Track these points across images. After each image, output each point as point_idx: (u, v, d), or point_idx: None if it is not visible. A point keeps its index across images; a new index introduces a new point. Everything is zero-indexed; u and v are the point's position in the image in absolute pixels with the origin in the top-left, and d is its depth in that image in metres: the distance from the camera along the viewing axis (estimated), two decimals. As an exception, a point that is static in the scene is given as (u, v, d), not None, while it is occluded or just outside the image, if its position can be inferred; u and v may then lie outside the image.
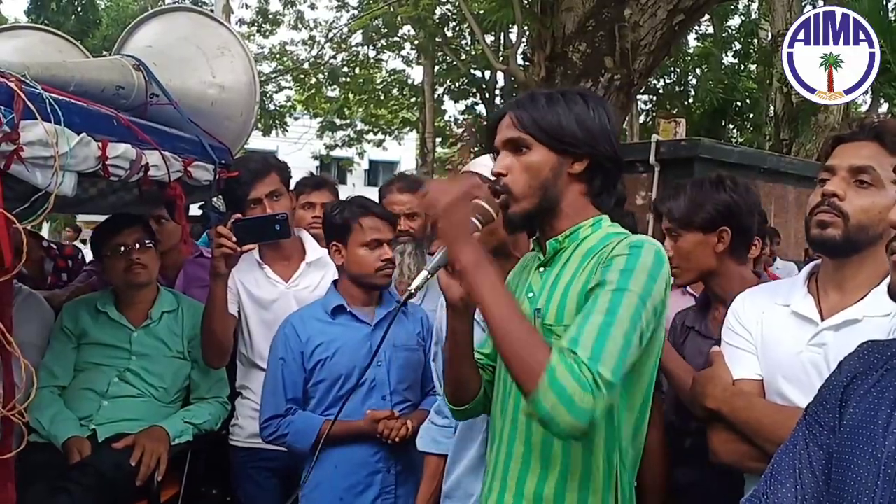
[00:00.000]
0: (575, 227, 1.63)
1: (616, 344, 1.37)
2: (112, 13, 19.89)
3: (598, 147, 1.61)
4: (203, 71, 2.93)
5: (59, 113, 1.87)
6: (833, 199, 1.69)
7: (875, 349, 1.16)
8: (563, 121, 1.60)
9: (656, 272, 1.47)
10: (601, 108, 1.65)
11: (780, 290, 1.88)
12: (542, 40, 5.87)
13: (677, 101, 15.78)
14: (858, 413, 1.09)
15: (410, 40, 17.19)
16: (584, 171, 1.62)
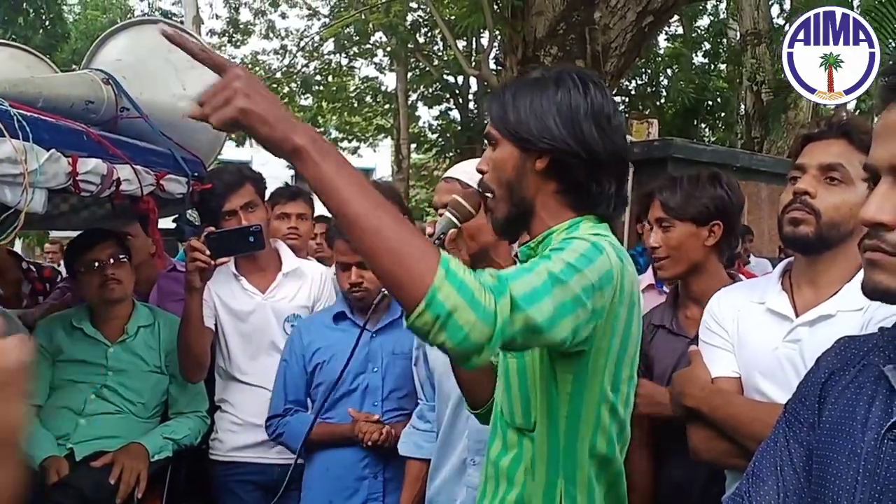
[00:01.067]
0: (548, 231, 1.50)
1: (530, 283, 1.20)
2: (81, 27, 19.69)
3: (557, 140, 1.44)
4: (173, 83, 2.91)
5: (27, 130, 1.85)
6: (804, 197, 1.71)
7: (851, 345, 1.17)
8: (520, 112, 1.47)
9: (591, 253, 1.32)
10: (576, 94, 1.46)
11: (755, 288, 1.90)
12: (514, 44, 5.89)
13: (649, 101, 15.90)
14: (837, 409, 1.10)
15: (383, 47, 17.18)
16: (548, 167, 1.47)
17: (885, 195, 0.99)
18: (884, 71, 1.07)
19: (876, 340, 1.13)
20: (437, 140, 18.62)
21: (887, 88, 1.02)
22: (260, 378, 2.80)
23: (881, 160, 1.01)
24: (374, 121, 20.87)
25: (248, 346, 2.84)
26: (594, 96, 1.46)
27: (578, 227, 1.48)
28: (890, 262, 0.98)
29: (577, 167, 1.46)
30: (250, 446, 2.81)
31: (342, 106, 18.90)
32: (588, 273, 1.29)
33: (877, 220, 0.98)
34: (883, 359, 1.08)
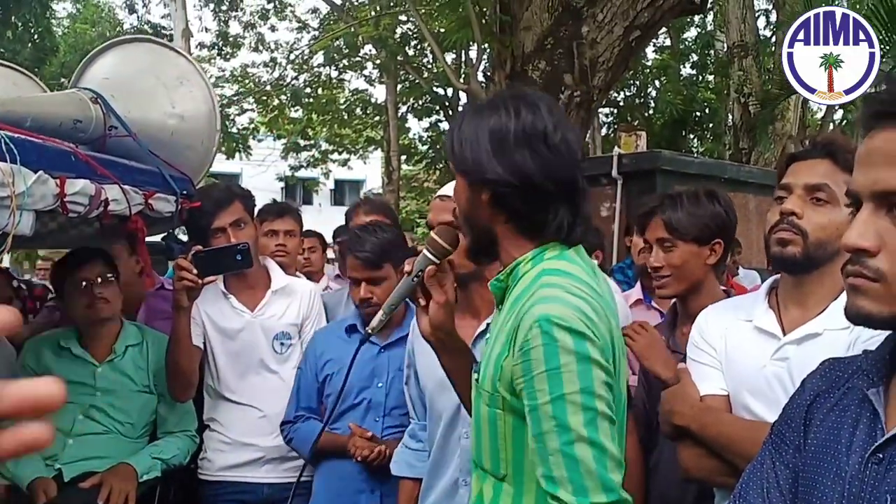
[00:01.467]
0: (515, 263, 1.44)
1: (588, 459, 1.26)
2: (69, 40, 19.66)
3: (489, 172, 1.38)
4: (162, 101, 2.92)
5: (14, 152, 1.85)
6: (791, 218, 1.73)
7: (836, 367, 1.18)
8: (461, 144, 1.43)
9: (581, 346, 1.28)
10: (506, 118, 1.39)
11: (743, 306, 1.91)
12: (502, 59, 5.92)
13: (638, 112, 15.99)
14: (822, 432, 1.11)
15: (372, 59, 17.22)
16: (492, 198, 1.41)
17: (867, 222, 1.00)
18: (865, 98, 1.09)
19: (860, 363, 1.13)
20: (428, 152, 18.67)
21: (869, 116, 1.03)
22: (249, 397, 2.79)
23: (863, 186, 1.01)
24: (365, 133, 20.89)
25: (236, 365, 2.83)
26: (525, 118, 1.39)
27: (543, 258, 1.42)
28: (872, 287, 0.99)
29: (513, 197, 1.40)
30: (239, 465, 2.79)
31: (332, 118, 18.91)
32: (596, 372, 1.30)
33: (858, 247, 0.99)
34: (866, 382, 1.09)
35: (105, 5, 21.69)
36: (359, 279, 2.54)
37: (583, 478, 1.25)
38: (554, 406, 1.28)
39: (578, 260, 1.44)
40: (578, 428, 1.26)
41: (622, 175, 7.30)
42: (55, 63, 17.02)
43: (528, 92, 1.48)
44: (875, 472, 1.00)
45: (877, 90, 1.22)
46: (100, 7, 21.71)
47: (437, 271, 1.57)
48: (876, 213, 1.00)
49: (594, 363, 1.29)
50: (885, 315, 0.99)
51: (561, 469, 1.27)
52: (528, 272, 1.41)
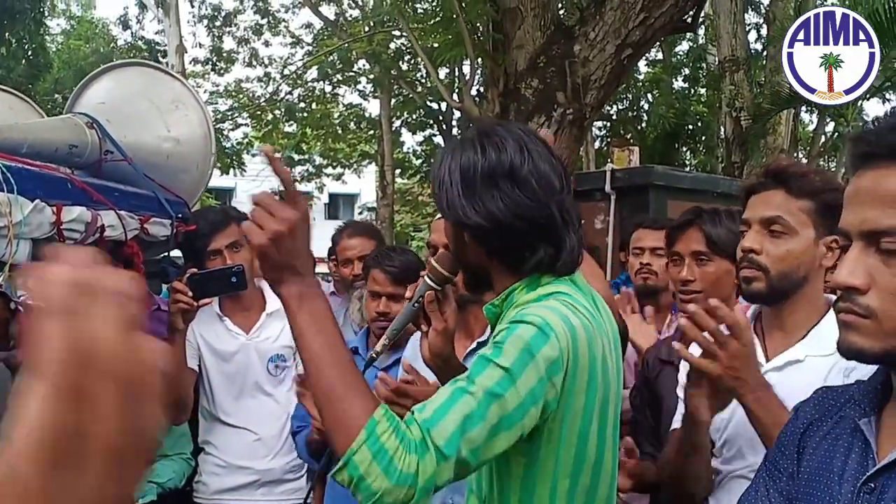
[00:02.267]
0: (509, 290, 1.45)
1: (459, 413, 1.22)
2: (63, 56, 19.68)
3: (461, 215, 1.39)
4: (157, 125, 2.95)
5: (11, 181, 1.87)
6: (751, 255, 1.75)
7: (829, 396, 1.20)
8: (438, 184, 1.44)
9: (536, 343, 1.27)
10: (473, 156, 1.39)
11: None
12: (495, 77, 5.95)
13: (630, 125, 16.05)
14: (815, 460, 1.13)
15: (366, 74, 17.27)
16: (472, 238, 1.43)
17: (857, 260, 1.03)
18: (853, 138, 1.11)
19: (852, 392, 1.16)
20: (422, 166, 18.69)
21: (857, 156, 1.06)
22: (244, 419, 2.80)
23: (852, 225, 1.04)
24: (359, 147, 20.92)
25: (231, 387, 2.84)
26: (490, 156, 1.38)
27: (539, 283, 1.43)
28: (863, 323, 1.02)
29: (488, 237, 1.41)
30: (235, 489, 2.79)
31: (326, 133, 18.95)
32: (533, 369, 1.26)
33: (849, 285, 1.02)
34: (858, 412, 1.11)
35: (99, 21, 21.73)
36: (381, 293, 2.53)
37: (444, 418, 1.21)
38: (478, 362, 1.29)
39: (571, 284, 1.45)
40: (479, 390, 1.24)
41: (615, 190, 7.34)
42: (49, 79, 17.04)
43: (499, 128, 1.46)
44: (867, 501, 1.03)
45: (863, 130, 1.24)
46: (94, 23, 21.73)
47: (436, 298, 1.59)
48: (865, 252, 1.03)
49: (534, 361, 1.27)
50: (875, 350, 1.02)
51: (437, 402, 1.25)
52: (525, 297, 1.42)
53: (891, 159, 1.01)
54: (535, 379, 1.26)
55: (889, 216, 1.00)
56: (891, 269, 1.00)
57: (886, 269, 1.00)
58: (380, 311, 2.52)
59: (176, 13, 13.84)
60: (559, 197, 1.41)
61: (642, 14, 5.38)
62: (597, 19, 5.51)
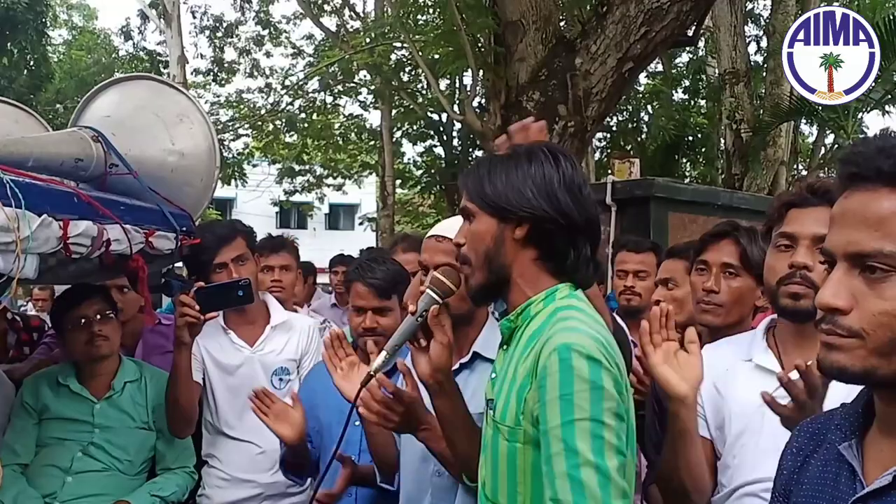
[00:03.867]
0: (526, 304, 1.53)
1: (593, 484, 1.30)
2: (65, 66, 19.75)
3: (535, 209, 1.50)
4: (162, 139, 2.94)
5: (19, 196, 1.87)
6: (804, 272, 1.74)
7: (812, 426, 1.21)
8: (497, 185, 1.54)
9: (596, 375, 1.35)
10: (548, 166, 1.53)
11: (741, 346, 1.92)
12: (497, 90, 5.98)
13: (630, 137, 16.08)
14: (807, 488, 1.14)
15: (367, 85, 17.31)
16: (527, 235, 1.52)
17: (841, 281, 1.02)
18: (841, 158, 1.11)
19: (837, 418, 1.15)
20: (422, 176, 18.71)
21: (845, 177, 1.06)
22: (248, 433, 2.79)
23: (837, 246, 1.04)
24: (359, 158, 20.93)
25: (235, 401, 2.83)
26: (565, 168, 1.53)
27: (554, 297, 1.52)
28: (846, 342, 1.01)
29: (555, 234, 1.52)
30: (238, 502, 2.79)
31: (327, 143, 18.96)
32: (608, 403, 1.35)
33: (832, 306, 1.01)
34: (839, 437, 1.11)
35: (101, 32, 21.81)
36: (365, 308, 2.42)
37: (587, 502, 1.29)
38: (564, 430, 1.33)
39: (578, 298, 1.52)
40: (586, 453, 1.31)
41: (615, 202, 7.34)
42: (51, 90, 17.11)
43: (558, 147, 1.64)
44: None
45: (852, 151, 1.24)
46: (95, 34, 21.82)
47: (440, 312, 1.61)
48: (849, 274, 1.02)
49: (606, 393, 1.34)
50: (856, 370, 1.01)
51: (567, 492, 1.30)
52: (541, 311, 1.49)
53: (878, 182, 1.01)
54: (614, 404, 1.36)
55: (874, 239, 0.99)
56: (874, 292, 0.99)
57: (870, 292, 1.00)
58: (366, 326, 2.39)
59: (178, 24, 13.89)
60: None
61: (643, 28, 5.41)
62: (598, 32, 5.54)
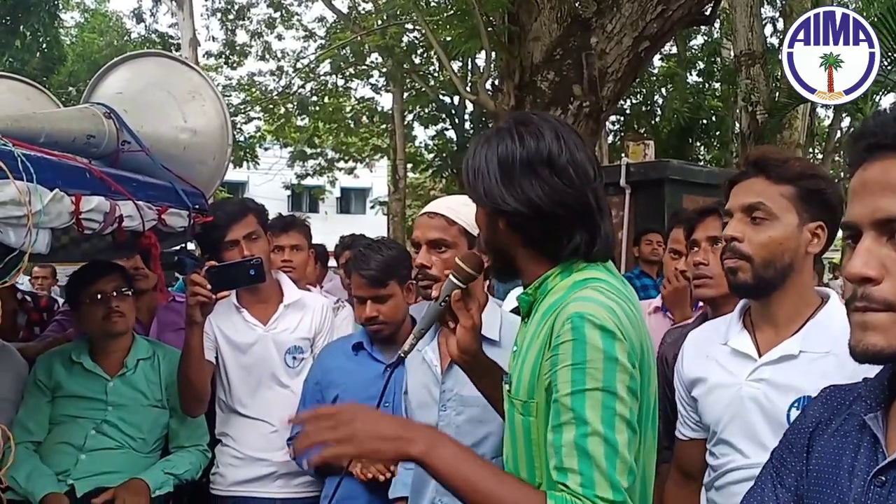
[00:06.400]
0: (543, 277, 1.47)
1: (599, 455, 1.26)
2: (77, 49, 19.77)
3: (499, 202, 1.41)
4: (174, 116, 2.92)
5: (30, 170, 1.85)
6: (734, 244, 1.74)
7: (837, 394, 1.20)
8: (471, 173, 1.46)
9: (609, 346, 1.30)
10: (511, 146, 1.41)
11: (719, 329, 1.92)
12: (511, 69, 5.92)
13: (644, 120, 15.98)
14: (824, 457, 1.13)
15: (378, 68, 17.26)
16: (508, 226, 1.44)
17: (870, 250, 1.00)
18: (855, 135, 1.09)
19: (860, 390, 1.15)
20: (434, 160, 18.68)
21: (862, 150, 1.05)
22: (261, 411, 2.79)
23: (861, 216, 1.02)
24: (371, 141, 20.94)
25: (249, 379, 2.82)
26: (528, 144, 1.41)
27: (572, 270, 1.45)
28: (881, 320, 0.98)
29: (526, 224, 1.42)
30: (252, 480, 2.78)
31: (338, 126, 18.98)
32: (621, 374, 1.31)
33: (863, 275, 0.99)
34: (864, 408, 1.10)
35: (113, 14, 21.80)
36: (364, 297, 2.52)
37: (592, 471, 1.26)
38: (574, 399, 1.29)
39: (606, 270, 1.47)
40: (595, 423, 1.28)
41: (630, 184, 7.31)
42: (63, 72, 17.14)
43: (534, 117, 1.48)
44: (878, 494, 1.02)
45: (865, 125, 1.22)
46: (107, 16, 21.82)
47: (462, 296, 1.60)
48: (877, 242, 1.00)
49: (619, 364, 1.30)
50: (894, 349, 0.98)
51: (572, 460, 1.27)
52: (559, 283, 1.44)
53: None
54: (627, 377, 1.31)
55: None
56: None
57: None
58: (368, 316, 2.50)
59: (189, 6, 13.86)
60: (594, 185, 1.44)
61: (660, 6, 5.35)
62: (614, 11, 5.47)
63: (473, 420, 2.01)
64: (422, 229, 2.03)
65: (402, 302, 2.57)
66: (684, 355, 1.97)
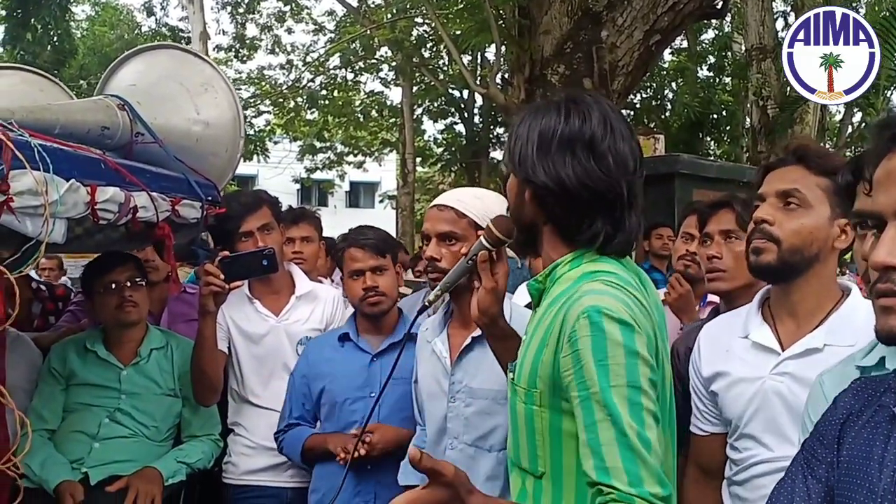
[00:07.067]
0: (553, 265, 1.46)
1: (641, 451, 1.25)
2: (88, 42, 19.82)
3: (530, 172, 1.41)
4: (187, 108, 2.93)
5: (47, 160, 1.87)
6: (763, 226, 1.73)
7: (868, 385, 1.20)
8: (513, 139, 1.47)
9: (629, 339, 1.29)
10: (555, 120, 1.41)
11: (738, 322, 1.90)
12: (521, 63, 5.92)
13: (655, 115, 15.91)
14: (854, 449, 1.12)
15: (388, 62, 17.25)
16: (534, 198, 1.45)
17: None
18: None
19: (890, 381, 1.15)
20: (443, 154, 18.67)
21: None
22: (273, 401, 2.80)
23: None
24: (380, 135, 20.93)
25: (261, 369, 2.85)
26: (573, 122, 1.40)
27: (582, 261, 1.43)
28: None
29: (550, 200, 1.42)
30: (263, 469, 2.81)
31: (348, 120, 18.97)
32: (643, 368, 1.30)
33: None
34: (894, 400, 1.11)
35: (123, 8, 21.88)
36: (363, 269, 2.52)
37: (639, 468, 1.24)
38: (605, 396, 1.27)
39: (619, 264, 1.44)
40: (630, 420, 1.26)
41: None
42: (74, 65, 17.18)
43: (588, 98, 1.48)
44: None
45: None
46: (118, 10, 21.88)
47: (489, 258, 1.61)
48: None
49: (640, 358, 1.29)
50: None
51: (616, 459, 1.25)
52: (567, 274, 1.43)
53: None
54: (649, 370, 1.30)
55: None
56: None
57: None
58: (367, 286, 2.51)
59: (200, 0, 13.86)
60: (631, 177, 1.42)
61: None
62: (625, 4, 5.46)
63: (482, 412, 2.02)
64: (431, 222, 2.05)
65: (396, 280, 2.61)
66: (701, 350, 1.95)
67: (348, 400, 2.56)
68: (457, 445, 2.04)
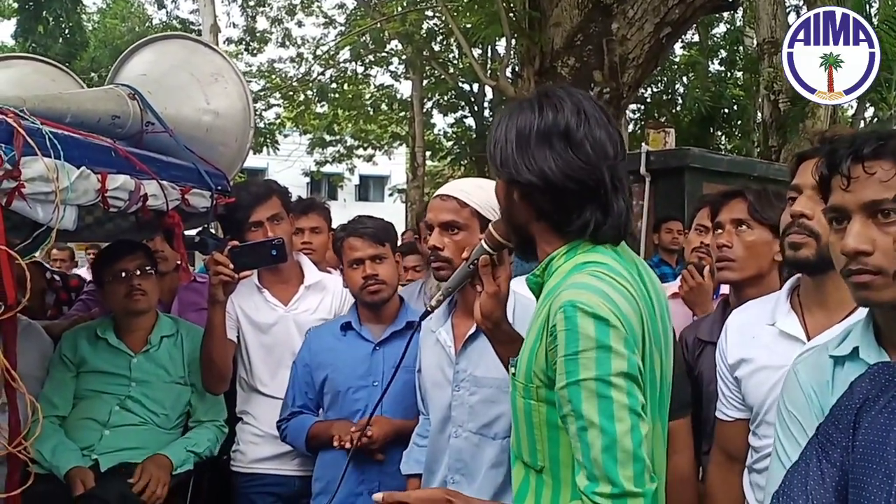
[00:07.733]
0: (549, 258, 1.46)
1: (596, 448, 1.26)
2: (99, 35, 19.89)
3: (513, 171, 1.41)
4: (197, 98, 2.95)
5: (58, 147, 1.88)
6: (802, 220, 1.72)
7: (885, 371, 1.20)
8: (494, 142, 1.47)
9: (602, 334, 1.28)
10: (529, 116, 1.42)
11: (766, 310, 1.89)
12: (531, 55, 5.90)
13: (665, 109, 15.85)
14: (871, 434, 1.13)
15: (398, 55, 17.25)
16: (522, 197, 1.44)
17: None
18: None
19: None
20: (453, 147, 18.67)
21: None
22: (281, 390, 2.80)
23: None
24: (390, 128, 20.95)
25: (269, 358, 2.86)
26: (546, 116, 1.40)
27: (576, 252, 1.43)
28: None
29: (537, 195, 1.42)
30: (271, 458, 2.82)
31: (358, 114, 19.00)
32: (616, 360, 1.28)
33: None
34: None
35: (134, 0, 21.91)
36: (363, 258, 2.54)
37: (591, 465, 1.26)
38: (570, 391, 1.29)
39: (613, 254, 1.43)
40: (590, 415, 1.26)
41: (650, 172, 7.26)
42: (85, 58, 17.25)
43: (557, 89, 1.47)
44: None
45: None
46: (129, 2, 21.92)
47: (490, 262, 1.61)
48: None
49: (614, 352, 1.28)
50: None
51: (578, 453, 1.29)
52: (562, 266, 1.43)
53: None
54: (624, 364, 1.29)
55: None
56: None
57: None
58: (367, 274, 2.53)
59: (210, -8, 13.88)
60: (612, 163, 1.42)
61: (682, -8, 5.31)
62: (636, -3, 5.43)
63: (486, 400, 2.03)
64: (434, 211, 2.04)
65: (395, 268, 2.63)
66: (727, 336, 1.95)
67: (351, 389, 2.58)
68: (461, 433, 2.05)
